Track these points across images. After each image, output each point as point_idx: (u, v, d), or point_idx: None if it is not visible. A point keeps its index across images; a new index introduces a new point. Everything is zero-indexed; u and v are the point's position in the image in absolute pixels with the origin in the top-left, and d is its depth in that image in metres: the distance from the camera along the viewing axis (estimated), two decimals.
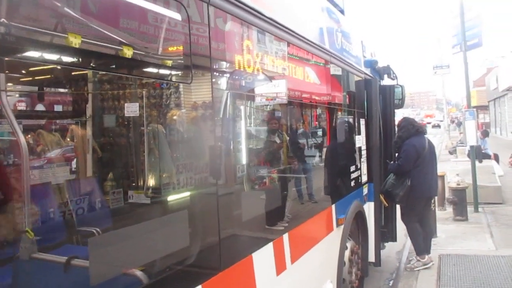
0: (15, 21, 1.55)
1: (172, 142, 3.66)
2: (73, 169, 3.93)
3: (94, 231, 2.76)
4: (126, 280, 1.92)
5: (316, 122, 5.31)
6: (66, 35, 1.68)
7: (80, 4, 1.79)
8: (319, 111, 5.19)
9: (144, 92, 3.75)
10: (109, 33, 1.90)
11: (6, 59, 2.13)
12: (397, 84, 6.86)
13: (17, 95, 4.12)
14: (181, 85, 2.98)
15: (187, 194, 3.00)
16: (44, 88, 4.08)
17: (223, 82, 2.76)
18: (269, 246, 3.04)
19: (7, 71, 2.78)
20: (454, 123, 45.91)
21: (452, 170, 13.54)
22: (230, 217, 2.75)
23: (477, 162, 10.16)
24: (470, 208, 9.46)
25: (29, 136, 3.89)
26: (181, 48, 2.25)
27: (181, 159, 3.18)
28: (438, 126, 64.18)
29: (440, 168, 15.47)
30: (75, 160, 4.02)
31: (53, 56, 1.77)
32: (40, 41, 1.67)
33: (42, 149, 4.04)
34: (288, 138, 4.32)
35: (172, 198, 3.24)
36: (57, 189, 3.51)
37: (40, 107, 4.33)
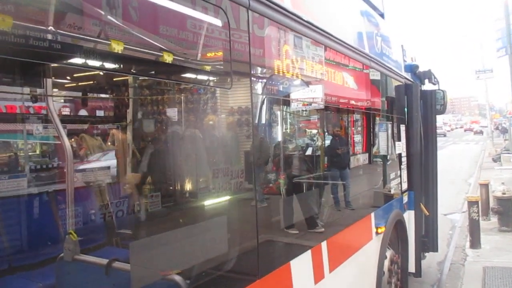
0: (61, 28, 1.60)
1: (209, 147, 3.68)
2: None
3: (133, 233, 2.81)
4: (164, 284, 1.92)
5: (355, 128, 5.22)
6: (109, 42, 1.71)
7: (122, 12, 1.83)
8: (358, 116, 5.10)
9: (182, 97, 3.79)
10: (152, 41, 1.93)
11: (53, 65, 2.19)
12: (439, 89, 6.64)
13: (62, 101, 4.27)
14: (218, 90, 2.99)
15: (223, 199, 3.00)
16: (87, 94, 4.20)
17: (262, 87, 2.75)
18: (307, 254, 2.98)
19: (53, 77, 2.88)
20: (499, 130, 44.10)
21: (496, 178, 13.02)
22: (268, 223, 2.72)
23: None
24: None
25: (72, 140, 4.02)
26: (221, 53, 2.26)
27: (218, 164, 3.19)
28: (481, 132, 62.00)
29: (484, 176, 15.08)
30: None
31: (96, 63, 1.81)
32: (84, 48, 1.71)
33: (85, 152, 4.16)
34: (326, 144, 4.26)
35: (208, 202, 3.25)
36: (98, 192, 3.60)
37: (83, 112, 4.47)
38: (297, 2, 2.96)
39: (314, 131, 4.52)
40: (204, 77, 2.48)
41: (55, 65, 2.05)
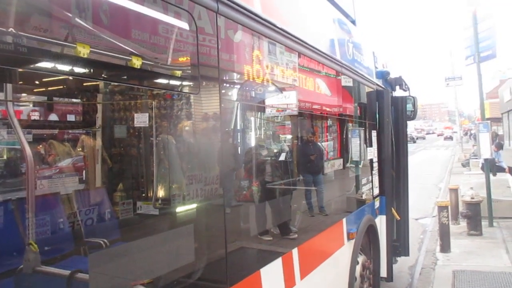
0: (24, 31, 1.54)
1: (181, 153, 3.63)
2: (83, 179, 3.91)
3: (102, 242, 2.73)
4: None
5: (328, 134, 5.25)
6: (75, 45, 1.67)
7: (90, 15, 1.78)
8: (330, 122, 5.13)
9: (154, 102, 3.73)
10: (119, 44, 1.89)
11: (18, 70, 2.12)
12: (409, 96, 6.77)
13: (30, 105, 4.14)
14: (190, 96, 2.96)
15: (195, 206, 2.96)
16: (54, 99, 4.09)
17: (232, 93, 2.73)
18: (278, 262, 2.96)
19: (20, 82, 2.79)
20: (468, 135, 45.39)
21: (465, 183, 13.35)
22: (239, 230, 2.69)
23: (491, 175, 9.96)
24: (484, 223, 9.27)
25: (40, 146, 3.89)
26: (189, 58, 2.23)
27: (191, 170, 3.15)
28: (451, 138, 63.73)
29: (453, 181, 15.44)
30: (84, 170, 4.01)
31: (64, 67, 1.75)
32: (50, 52, 1.66)
33: (53, 159, 4.03)
34: (299, 150, 4.26)
35: (180, 209, 3.20)
36: (67, 199, 3.48)
37: (53, 117, 4.34)
38: (268, 8, 2.96)
39: (287, 137, 4.52)
40: (171, 82, 2.44)
41: (17, 69, 1.98)
